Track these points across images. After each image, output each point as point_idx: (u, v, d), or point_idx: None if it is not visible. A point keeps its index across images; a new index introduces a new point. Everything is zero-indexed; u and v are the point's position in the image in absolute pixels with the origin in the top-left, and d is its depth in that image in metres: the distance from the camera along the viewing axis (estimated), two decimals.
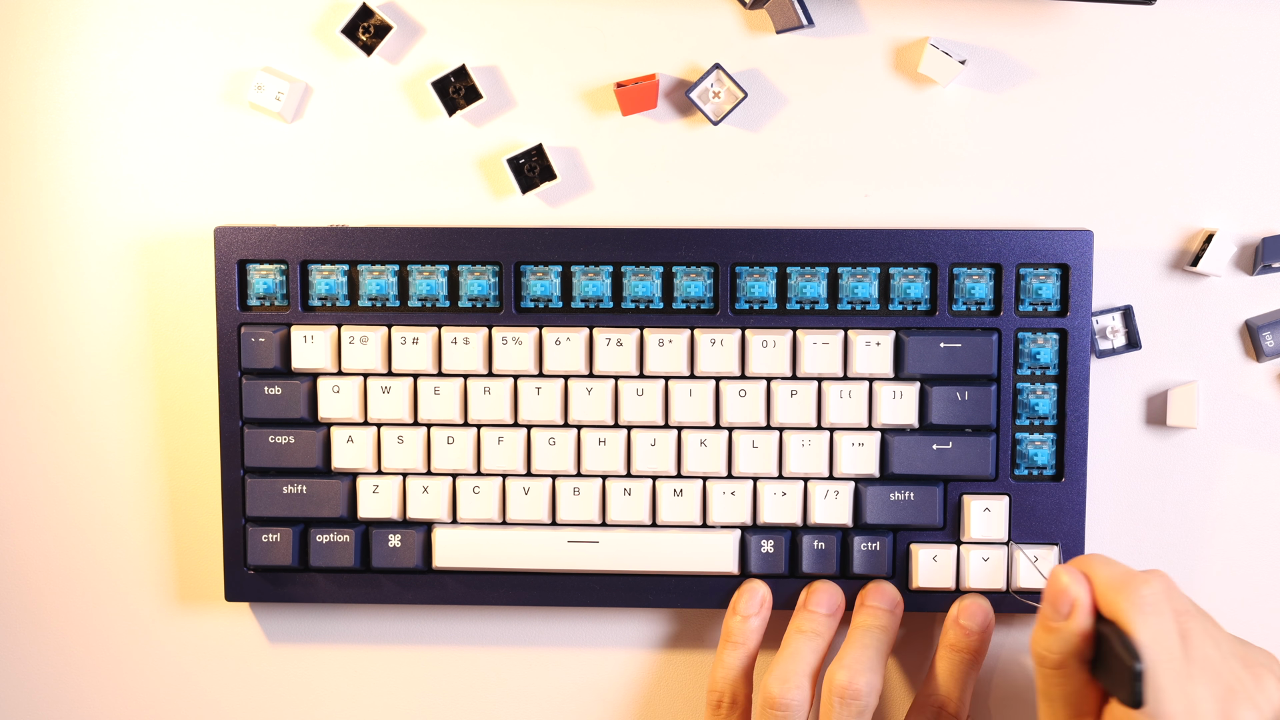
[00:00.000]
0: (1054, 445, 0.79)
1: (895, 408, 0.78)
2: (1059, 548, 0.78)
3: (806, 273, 0.79)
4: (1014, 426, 0.79)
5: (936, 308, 0.78)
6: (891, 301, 0.79)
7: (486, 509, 0.80)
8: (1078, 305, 0.78)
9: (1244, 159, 0.80)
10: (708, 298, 0.79)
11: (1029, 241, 0.77)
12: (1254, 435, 0.81)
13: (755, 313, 0.79)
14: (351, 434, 0.80)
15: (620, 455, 0.79)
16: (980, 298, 0.78)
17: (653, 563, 0.80)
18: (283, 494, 0.80)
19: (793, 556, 0.80)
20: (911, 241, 0.78)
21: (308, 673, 0.84)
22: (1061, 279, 0.78)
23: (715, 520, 0.80)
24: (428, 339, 0.79)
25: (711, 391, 0.79)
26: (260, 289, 0.80)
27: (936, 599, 0.80)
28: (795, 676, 0.76)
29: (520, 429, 0.80)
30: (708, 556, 0.80)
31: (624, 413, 0.79)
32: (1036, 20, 0.80)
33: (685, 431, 0.79)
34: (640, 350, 0.79)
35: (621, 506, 0.80)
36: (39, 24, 0.82)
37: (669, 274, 0.79)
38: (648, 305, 0.79)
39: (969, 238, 0.78)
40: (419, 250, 0.79)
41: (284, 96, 0.81)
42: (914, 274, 0.78)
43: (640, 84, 0.80)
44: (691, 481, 0.80)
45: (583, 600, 0.80)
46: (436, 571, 0.81)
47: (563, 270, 0.79)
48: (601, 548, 0.80)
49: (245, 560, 0.81)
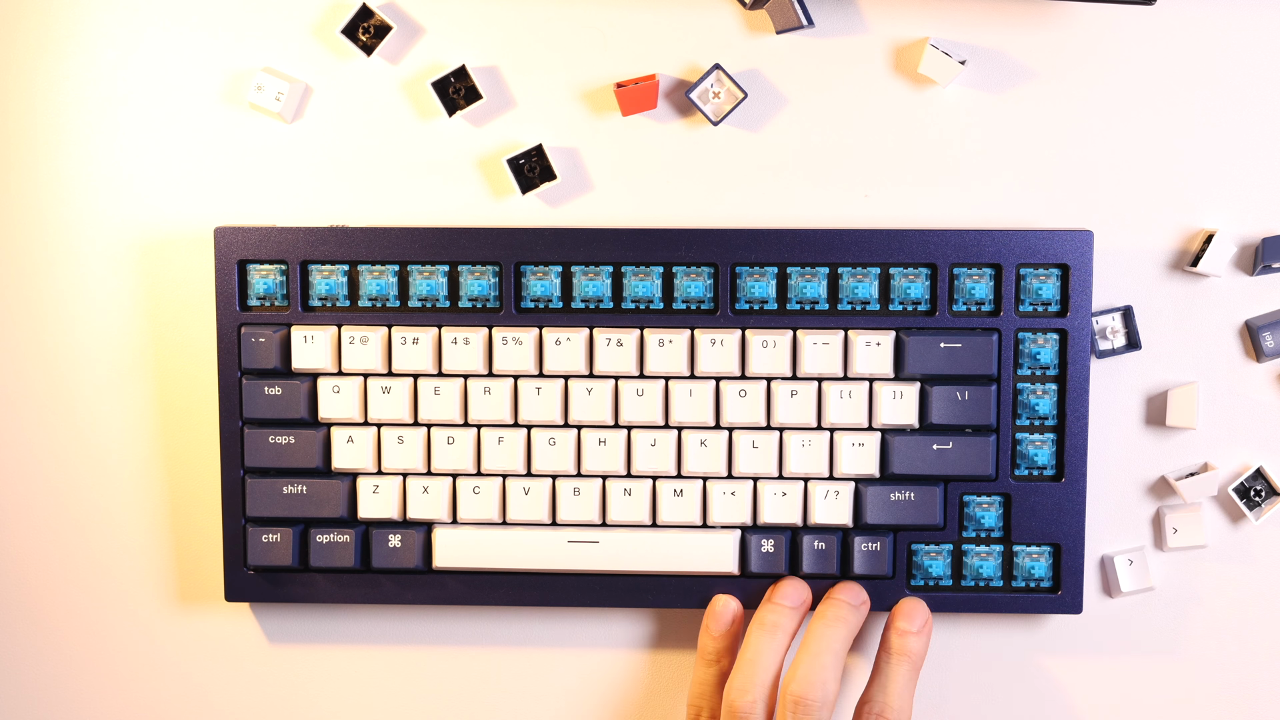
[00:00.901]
0: (1054, 445, 0.79)
1: (895, 408, 0.78)
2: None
3: (807, 273, 0.79)
4: (1014, 427, 0.79)
5: (936, 308, 0.78)
6: (892, 302, 0.79)
7: (487, 509, 0.80)
8: (1078, 305, 0.78)
9: (1244, 159, 0.80)
10: (708, 298, 0.79)
11: (1029, 242, 0.77)
12: (1254, 435, 0.81)
13: (755, 313, 0.79)
14: (352, 434, 0.80)
15: (620, 455, 0.79)
16: (980, 298, 0.78)
17: (653, 563, 0.80)
18: (283, 494, 0.80)
19: (793, 557, 0.80)
20: (911, 242, 0.78)
21: (308, 673, 0.84)
22: (1061, 279, 0.78)
23: (715, 520, 0.80)
24: (428, 339, 0.79)
25: (712, 392, 0.79)
26: (260, 289, 0.80)
27: (936, 599, 0.80)
28: (753, 687, 0.76)
29: (520, 429, 0.80)
30: (708, 556, 0.80)
31: (624, 413, 0.79)
32: (1036, 20, 0.80)
33: (685, 432, 0.79)
34: (640, 350, 0.79)
35: (622, 507, 0.80)
36: (39, 24, 0.82)
37: (669, 274, 0.79)
38: (648, 305, 0.79)
39: (969, 238, 0.78)
40: (419, 250, 0.79)
41: (284, 97, 0.81)
42: (914, 274, 0.78)
43: (640, 84, 0.80)
44: (692, 482, 0.80)
45: (583, 600, 0.80)
46: (437, 572, 0.81)
47: (563, 270, 0.79)
48: (601, 548, 0.80)
49: (245, 560, 0.81)
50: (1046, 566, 0.79)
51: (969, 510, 0.79)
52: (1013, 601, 0.79)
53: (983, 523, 0.79)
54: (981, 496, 0.79)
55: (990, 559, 0.79)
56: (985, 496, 0.79)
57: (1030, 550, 0.79)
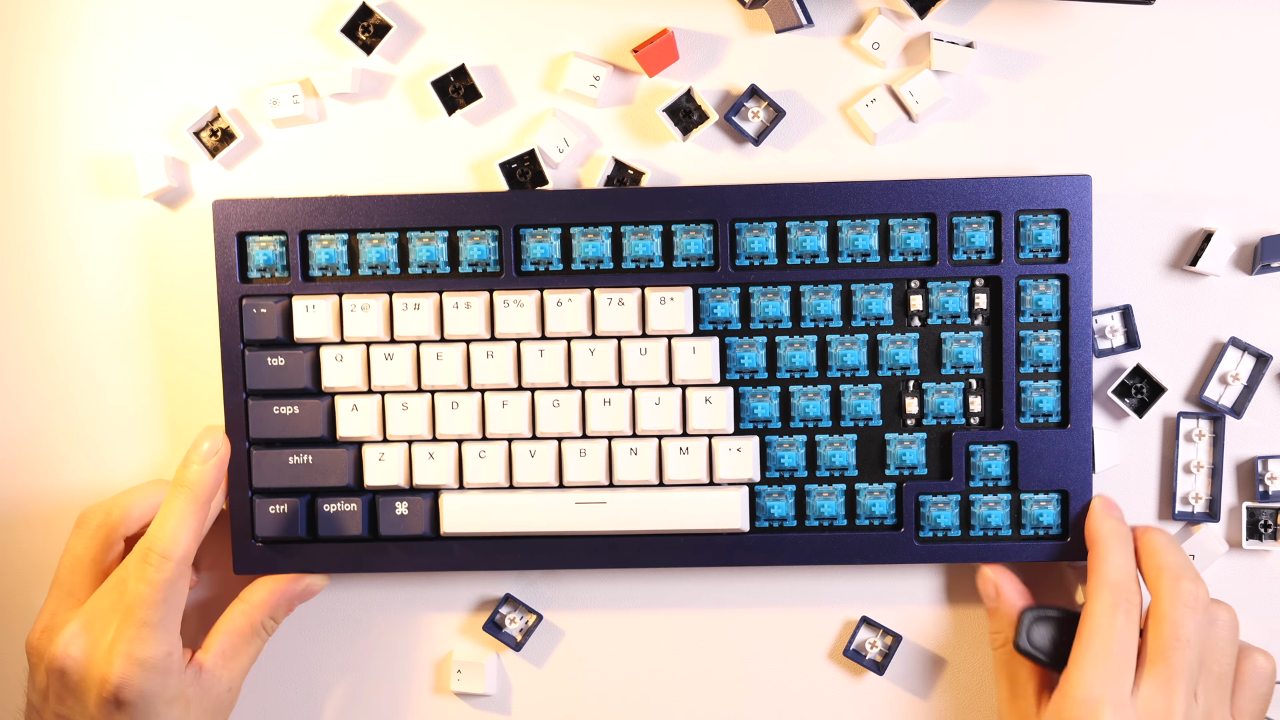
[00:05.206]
0: (1058, 392, 0.79)
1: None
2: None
3: (806, 227, 0.79)
4: (1018, 374, 0.79)
5: (937, 258, 0.78)
6: (892, 253, 0.79)
7: (493, 473, 0.80)
8: (1078, 250, 0.78)
9: (1244, 159, 0.80)
10: (708, 255, 0.79)
11: (1027, 188, 0.77)
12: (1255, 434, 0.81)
13: (756, 268, 0.79)
14: (356, 402, 0.80)
15: (625, 415, 0.79)
16: (980, 246, 0.78)
17: (661, 522, 0.80)
18: (288, 465, 0.80)
19: (800, 509, 0.80)
20: (910, 192, 0.78)
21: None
22: (1061, 224, 0.78)
23: (722, 478, 0.79)
24: (429, 305, 0.79)
25: (716, 348, 0.79)
26: (260, 260, 0.80)
27: (945, 549, 0.79)
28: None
29: (524, 392, 0.80)
30: (716, 514, 0.79)
31: (628, 372, 0.79)
32: (1036, 19, 0.80)
33: (690, 389, 0.79)
34: (642, 309, 0.79)
35: (628, 467, 0.79)
36: (39, 24, 0.82)
37: (668, 233, 0.79)
38: (648, 265, 0.79)
39: (967, 186, 0.78)
40: (418, 217, 0.79)
41: (300, 99, 0.80)
42: (913, 224, 0.78)
43: (656, 41, 0.79)
44: (697, 439, 0.79)
45: (592, 562, 0.80)
46: (444, 538, 0.81)
47: (562, 232, 0.79)
48: (609, 509, 0.80)
49: (253, 532, 0.81)
50: (1054, 514, 0.79)
51: (975, 460, 0.79)
52: (1022, 549, 0.79)
53: (990, 471, 0.79)
54: (988, 445, 0.79)
55: (998, 508, 0.79)
56: (991, 445, 0.79)
57: (1038, 498, 0.79)
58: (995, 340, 0.79)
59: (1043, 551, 0.79)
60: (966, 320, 0.79)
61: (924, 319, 0.79)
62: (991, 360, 0.79)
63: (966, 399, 0.79)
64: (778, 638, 0.83)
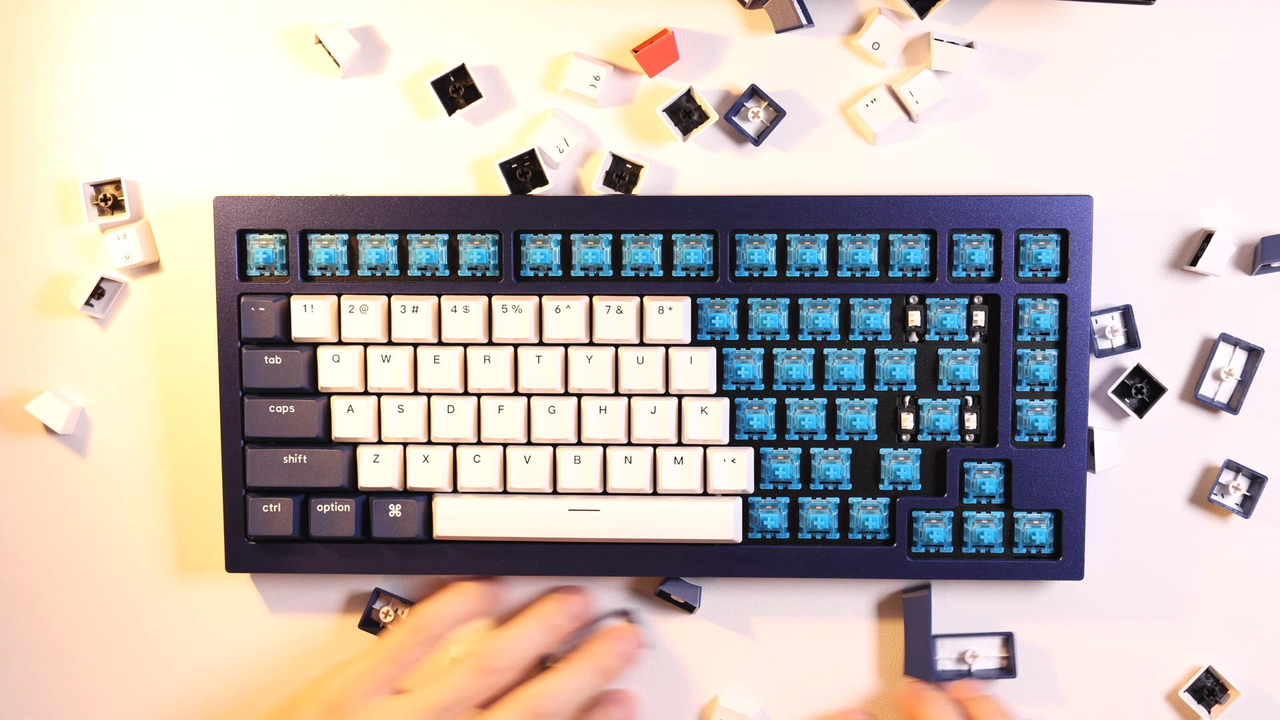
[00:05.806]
0: (1054, 411, 0.79)
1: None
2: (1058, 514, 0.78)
3: (806, 239, 0.79)
4: (1014, 392, 0.79)
5: (936, 274, 0.78)
6: (891, 268, 0.79)
7: (487, 478, 0.80)
8: (1078, 270, 0.78)
9: (1244, 159, 0.80)
10: (707, 265, 0.79)
11: (1028, 207, 0.77)
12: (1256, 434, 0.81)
13: (755, 280, 0.79)
14: (352, 403, 0.80)
15: (621, 423, 0.79)
16: (980, 264, 0.78)
17: (654, 531, 0.80)
18: (283, 464, 0.80)
19: (793, 522, 0.80)
20: (911, 208, 0.78)
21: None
22: (1061, 244, 0.78)
23: (716, 488, 0.79)
24: (428, 308, 0.79)
25: (713, 358, 0.79)
26: (260, 259, 0.80)
27: (937, 566, 0.80)
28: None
29: (520, 398, 0.80)
30: (709, 524, 0.79)
31: (624, 381, 0.79)
32: (1036, 19, 0.80)
33: (686, 399, 0.79)
34: (640, 318, 0.79)
35: (622, 475, 0.80)
36: (39, 24, 0.82)
37: (668, 242, 0.79)
38: (647, 273, 0.79)
39: (969, 203, 0.78)
40: (418, 219, 0.79)
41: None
42: (914, 240, 0.78)
43: (656, 41, 0.79)
44: (692, 449, 0.79)
45: (584, 569, 0.80)
46: (437, 541, 0.81)
47: (562, 239, 0.79)
48: (602, 516, 0.80)
49: (246, 531, 0.81)
50: (1047, 532, 0.79)
51: (969, 477, 0.79)
52: (1014, 568, 0.79)
53: (983, 489, 0.79)
54: (982, 463, 0.79)
55: (991, 525, 0.79)
56: (986, 463, 0.79)
57: (1031, 516, 0.79)
58: (992, 358, 0.79)
59: (1034, 570, 0.79)
60: (964, 337, 0.79)
61: (922, 335, 0.79)
62: (988, 378, 0.79)
63: (962, 416, 0.79)
64: (768, 648, 0.83)
